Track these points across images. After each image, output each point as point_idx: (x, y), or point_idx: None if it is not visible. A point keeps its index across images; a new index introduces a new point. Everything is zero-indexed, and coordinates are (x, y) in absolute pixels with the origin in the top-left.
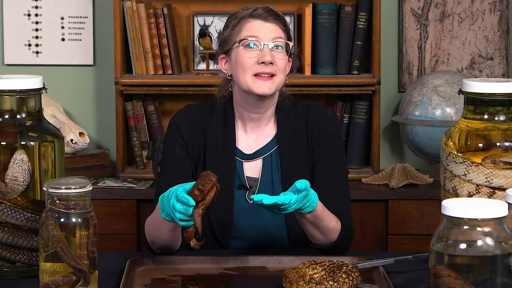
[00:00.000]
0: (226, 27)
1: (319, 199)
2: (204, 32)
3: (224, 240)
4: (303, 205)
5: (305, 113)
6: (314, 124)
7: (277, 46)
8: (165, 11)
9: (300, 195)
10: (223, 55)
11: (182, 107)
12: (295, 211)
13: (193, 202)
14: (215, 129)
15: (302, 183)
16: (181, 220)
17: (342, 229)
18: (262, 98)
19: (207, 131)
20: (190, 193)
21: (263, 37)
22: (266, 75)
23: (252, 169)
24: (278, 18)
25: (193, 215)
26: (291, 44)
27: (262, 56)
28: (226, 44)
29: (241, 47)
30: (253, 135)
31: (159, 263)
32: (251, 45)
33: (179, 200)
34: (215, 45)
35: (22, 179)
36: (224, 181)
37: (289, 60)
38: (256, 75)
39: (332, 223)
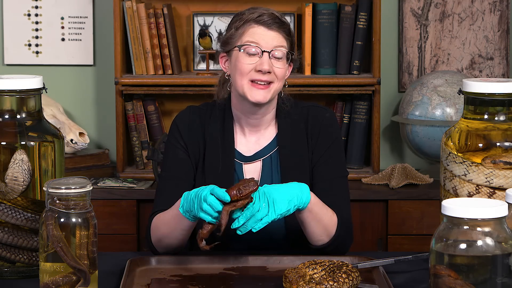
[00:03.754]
0: (230, 26)
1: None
2: (204, 32)
3: (223, 242)
4: (296, 203)
5: (304, 114)
6: (314, 126)
7: (277, 55)
8: (165, 11)
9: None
10: (224, 54)
11: (182, 107)
12: (294, 212)
13: (228, 198)
14: (214, 131)
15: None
16: (205, 213)
17: (338, 220)
18: (257, 105)
19: (206, 133)
20: (228, 190)
21: (264, 44)
22: (263, 83)
23: (252, 171)
24: (282, 27)
25: (222, 211)
26: (292, 53)
27: (260, 64)
28: (228, 44)
29: (242, 51)
30: (252, 138)
31: (159, 263)
32: (251, 51)
33: (213, 193)
34: (215, 45)
35: (22, 179)
36: (223, 183)
37: (289, 65)
38: (252, 81)
39: (329, 213)
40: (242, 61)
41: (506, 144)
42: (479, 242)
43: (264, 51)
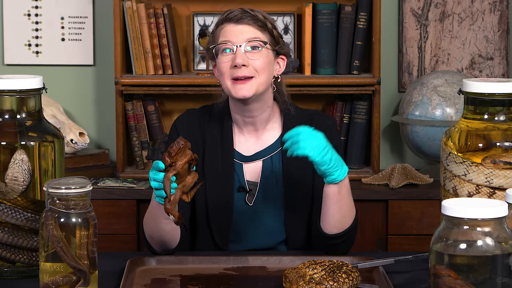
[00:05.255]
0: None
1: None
2: (204, 32)
3: (223, 243)
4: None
5: (309, 120)
6: None
7: (253, 47)
8: (165, 11)
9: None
10: (214, 63)
11: (182, 107)
12: (329, 179)
13: (162, 165)
14: (213, 133)
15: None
16: (156, 189)
17: (356, 214)
18: (244, 101)
19: (205, 135)
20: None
21: (235, 40)
22: (243, 78)
23: (252, 172)
24: (253, 19)
25: (163, 181)
26: (268, 44)
27: (233, 60)
28: (209, 52)
29: (219, 53)
30: (252, 139)
31: (159, 263)
32: (225, 49)
33: (153, 168)
34: None
35: (22, 179)
36: (223, 184)
37: (282, 58)
38: (233, 79)
39: (352, 203)
40: (220, 62)
41: (506, 144)
42: (479, 242)
43: (237, 46)
